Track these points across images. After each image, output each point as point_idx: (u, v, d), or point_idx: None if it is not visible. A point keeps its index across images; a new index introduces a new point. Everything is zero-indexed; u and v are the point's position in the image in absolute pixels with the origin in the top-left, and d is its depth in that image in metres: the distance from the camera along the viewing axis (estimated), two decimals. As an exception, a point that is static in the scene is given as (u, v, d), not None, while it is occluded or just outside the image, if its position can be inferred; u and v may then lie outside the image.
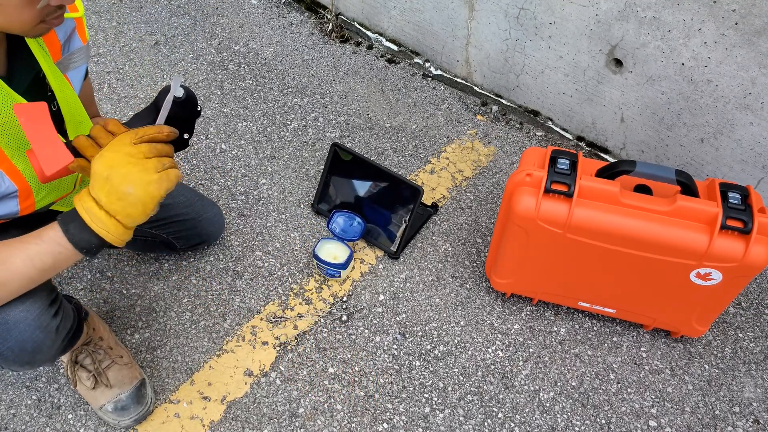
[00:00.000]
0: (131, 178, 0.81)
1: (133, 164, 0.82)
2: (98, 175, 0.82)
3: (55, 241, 0.84)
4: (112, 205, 0.82)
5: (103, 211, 0.82)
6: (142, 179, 0.82)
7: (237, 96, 2.00)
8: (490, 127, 1.97)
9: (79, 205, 0.83)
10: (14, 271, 0.85)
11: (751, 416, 1.33)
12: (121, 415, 1.23)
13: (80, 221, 0.83)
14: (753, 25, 1.34)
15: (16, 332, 0.96)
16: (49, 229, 0.85)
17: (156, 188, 0.83)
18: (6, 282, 0.85)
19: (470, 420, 1.30)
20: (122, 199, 0.82)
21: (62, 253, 0.85)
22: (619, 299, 1.36)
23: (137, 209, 0.83)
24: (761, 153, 1.51)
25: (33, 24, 0.80)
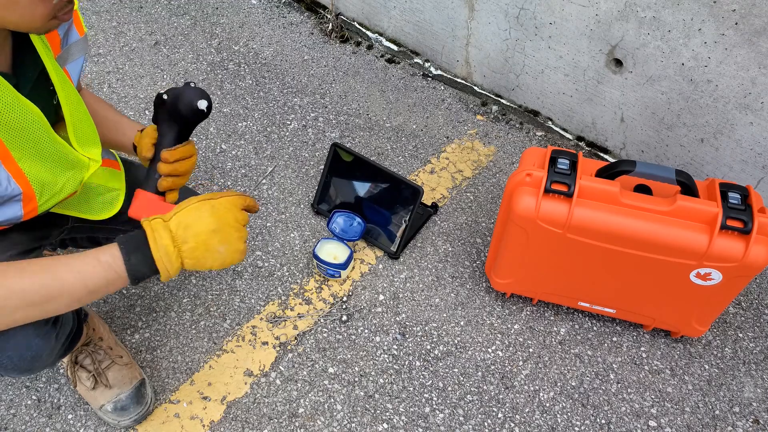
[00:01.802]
0: (229, 240, 0.88)
1: (236, 229, 0.88)
2: (204, 222, 0.86)
3: (112, 268, 0.84)
4: (196, 252, 0.85)
5: (177, 250, 0.85)
6: (235, 246, 0.88)
7: (237, 96, 2.00)
8: (490, 127, 1.97)
9: (155, 239, 0.84)
10: (65, 289, 0.83)
11: (751, 416, 1.33)
12: (121, 415, 1.23)
13: (146, 254, 0.84)
14: (753, 25, 1.34)
15: (14, 341, 0.94)
16: (107, 253, 0.84)
17: (238, 257, 0.90)
18: (56, 297, 0.83)
19: (470, 420, 1.30)
20: (209, 252, 0.86)
21: (115, 281, 0.85)
22: (619, 299, 1.37)
23: (210, 263, 0.88)
24: (761, 153, 1.51)
25: (45, 20, 0.80)
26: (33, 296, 0.80)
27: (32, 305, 0.81)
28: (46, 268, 0.82)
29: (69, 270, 0.82)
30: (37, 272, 0.81)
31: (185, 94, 1.00)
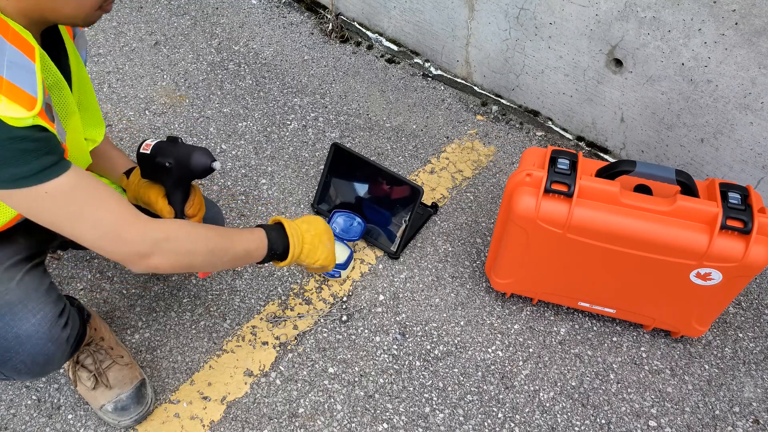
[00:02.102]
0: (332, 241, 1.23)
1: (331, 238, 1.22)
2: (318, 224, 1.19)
3: (259, 238, 1.08)
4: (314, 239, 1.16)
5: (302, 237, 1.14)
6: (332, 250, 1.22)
7: (237, 96, 2.00)
8: (490, 127, 1.97)
9: (288, 224, 1.13)
10: (236, 243, 1.04)
11: (751, 416, 1.33)
12: (122, 416, 1.23)
13: (282, 233, 1.12)
14: (753, 25, 1.34)
15: (29, 346, 0.98)
16: (255, 229, 1.10)
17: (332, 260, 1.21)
18: (227, 249, 1.02)
19: (470, 420, 1.30)
20: (321, 243, 1.17)
21: (260, 248, 1.08)
22: (619, 299, 1.37)
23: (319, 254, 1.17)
24: (761, 153, 1.51)
25: (94, 10, 0.87)
26: (213, 244, 1.00)
27: (211, 253, 1.00)
28: (218, 228, 1.04)
29: (234, 233, 1.05)
30: (214, 229, 1.03)
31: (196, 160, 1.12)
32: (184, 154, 1.11)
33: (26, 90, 0.78)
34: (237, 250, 1.04)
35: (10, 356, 0.97)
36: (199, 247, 0.98)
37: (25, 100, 0.78)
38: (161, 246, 0.92)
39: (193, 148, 1.13)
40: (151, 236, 0.91)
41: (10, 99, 0.76)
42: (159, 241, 0.92)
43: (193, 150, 1.13)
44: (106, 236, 0.88)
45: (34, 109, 0.78)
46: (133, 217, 0.90)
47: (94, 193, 0.88)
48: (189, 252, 0.96)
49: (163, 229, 0.93)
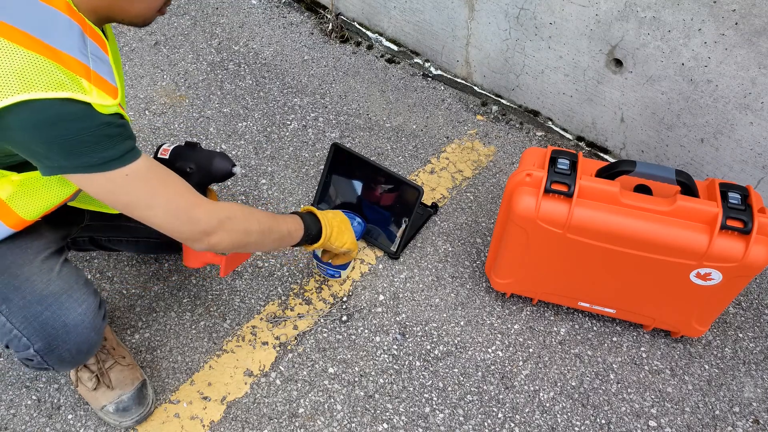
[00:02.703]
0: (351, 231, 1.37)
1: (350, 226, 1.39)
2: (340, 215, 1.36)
3: (298, 222, 1.20)
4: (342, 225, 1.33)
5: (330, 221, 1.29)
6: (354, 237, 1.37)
7: (237, 96, 2.00)
8: (490, 127, 1.97)
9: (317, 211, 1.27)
10: (281, 225, 1.14)
11: (751, 416, 1.33)
12: (123, 416, 1.23)
13: (315, 219, 1.25)
14: (753, 25, 1.34)
15: (75, 335, 1.02)
16: (291, 215, 1.21)
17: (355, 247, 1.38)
18: (274, 230, 1.11)
19: (470, 420, 1.30)
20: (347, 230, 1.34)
21: (299, 231, 1.19)
22: (619, 299, 1.37)
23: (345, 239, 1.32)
24: (761, 153, 1.51)
25: (155, 12, 0.94)
26: (265, 224, 1.09)
27: (262, 233, 1.08)
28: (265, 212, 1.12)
29: (278, 216, 1.15)
30: (262, 212, 1.12)
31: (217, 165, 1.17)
32: (205, 159, 1.15)
33: (108, 80, 0.85)
34: (282, 230, 1.13)
35: (58, 344, 1.01)
36: (254, 226, 1.06)
37: (110, 89, 0.84)
38: (224, 225, 0.99)
39: (213, 153, 1.17)
40: (217, 216, 0.98)
41: (99, 88, 0.82)
42: (223, 220, 0.99)
43: (213, 155, 1.17)
44: (178, 216, 0.95)
45: (117, 98, 0.85)
46: (199, 198, 0.98)
47: (165, 177, 0.94)
48: (246, 231, 1.04)
49: (226, 208, 1.01)
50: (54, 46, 0.79)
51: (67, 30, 0.82)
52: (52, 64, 0.78)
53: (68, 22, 0.82)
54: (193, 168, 1.16)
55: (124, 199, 0.91)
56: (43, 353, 1.01)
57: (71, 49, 0.80)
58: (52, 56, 0.78)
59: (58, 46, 0.79)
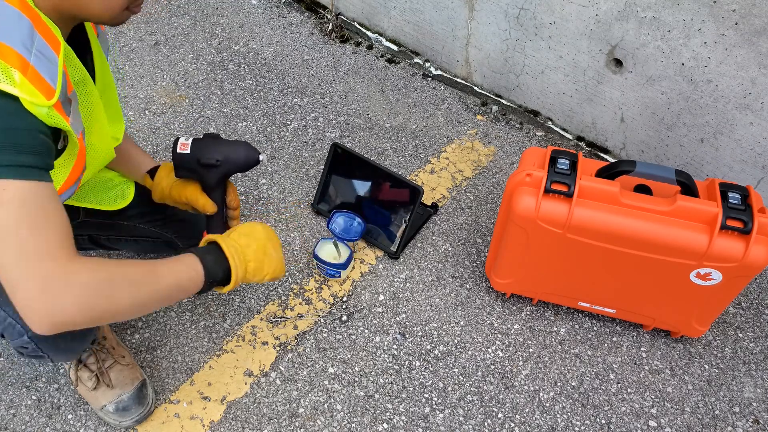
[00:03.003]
0: (277, 248, 1.08)
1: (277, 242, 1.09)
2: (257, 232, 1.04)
3: (193, 267, 0.94)
4: (258, 253, 1.02)
5: (244, 253, 1.01)
6: (281, 255, 1.08)
7: (237, 96, 2.00)
8: (490, 127, 1.97)
9: (225, 242, 0.99)
10: (163, 282, 0.90)
11: (751, 416, 1.33)
12: (123, 416, 1.23)
13: (219, 255, 0.98)
14: (753, 25, 1.34)
15: None
16: (186, 255, 0.95)
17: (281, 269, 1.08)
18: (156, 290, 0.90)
19: (470, 420, 1.30)
20: (267, 255, 1.04)
21: (194, 279, 0.94)
22: (619, 299, 1.37)
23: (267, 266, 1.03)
24: (761, 153, 1.51)
25: (121, 10, 0.89)
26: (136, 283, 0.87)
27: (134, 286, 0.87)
28: (145, 263, 0.90)
29: (163, 265, 0.91)
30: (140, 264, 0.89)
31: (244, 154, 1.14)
32: (231, 150, 1.13)
33: (47, 80, 0.80)
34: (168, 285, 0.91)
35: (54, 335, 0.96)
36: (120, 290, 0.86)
37: (46, 89, 0.79)
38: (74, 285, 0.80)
39: (237, 143, 1.15)
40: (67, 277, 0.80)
41: (32, 84, 0.78)
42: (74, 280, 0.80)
43: (238, 145, 1.14)
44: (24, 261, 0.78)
45: (52, 99, 0.79)
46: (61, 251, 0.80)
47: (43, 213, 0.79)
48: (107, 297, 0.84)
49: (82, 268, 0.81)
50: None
51: (14, 22, 0.79)
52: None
53: (17, 15, 0.79)
54: (220, 160, 1.12)
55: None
56: (37, 340, 0.99)
57: (12, 40, 0.77)
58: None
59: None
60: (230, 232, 1.04)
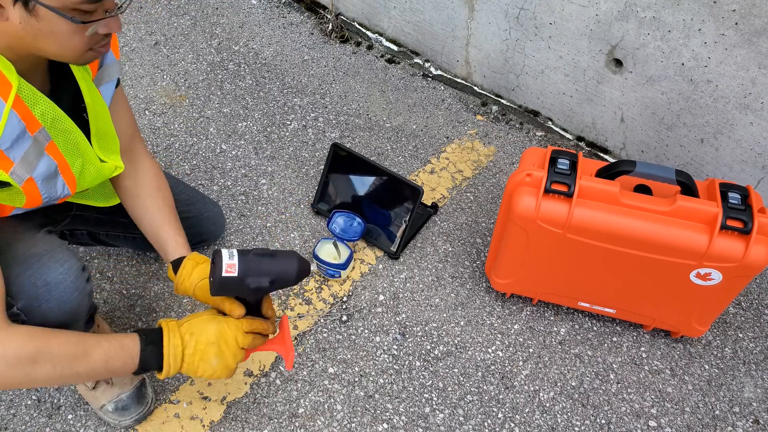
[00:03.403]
0: (223, 356, 1.00)
1: (232, 349, 1.01)
2: (206, 333, 1.00)
3: (129, 354, 0.97)
4: (193, 357, 0.99)
5: (182, 354, 0.99)
6: (226, 363, 1.01)
7: (237, 96, 2.01)
8: (490, 127, 1.97)
9: (169, 339, 0.98)
10: (91, 363, 0.93)
11: (751, 416, 1.33)
12: (122, 415, 1.23)
13: (158, 350, 0.98)
14: (753, 25, 1.34)
15: (57, 293, 1.01)
16: (128, 339, 0.98)
17: (225, 374, 1.02)
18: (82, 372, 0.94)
19: (470, 420, 1.30)
20: (203, 361, 1.00)
21: (127, 365, 0.97)
22: (619, 299, 1.37)
23: (201, 371, 1.01)
24: (761, 153, 1.51)
25: (82, 51, 0.87)
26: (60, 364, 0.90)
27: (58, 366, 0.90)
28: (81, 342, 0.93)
29: (99, 349, 0.94)
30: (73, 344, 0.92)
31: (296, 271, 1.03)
32: (283, 270, 1.03)
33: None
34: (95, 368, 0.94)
35: (40, 303, 1.00)
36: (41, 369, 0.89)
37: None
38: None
39: (287, 258, 1.04)
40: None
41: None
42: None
43: (288, 260, 1.04)
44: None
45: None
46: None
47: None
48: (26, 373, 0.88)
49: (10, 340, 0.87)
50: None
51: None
52: None
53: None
54: (272, 281, 1.03)
55: None
56: (26, 311, 0.99)
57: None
58: None
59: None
60: (187, 320, 1.02)
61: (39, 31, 0.82)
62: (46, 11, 0.80)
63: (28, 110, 0.88)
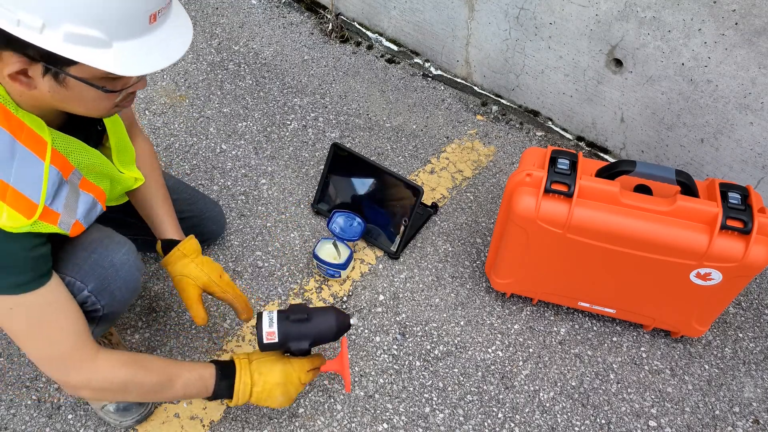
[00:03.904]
0: (287, 393, 1.14)
1: (295, 387, 1.14)
2: (273, 375, 1.12)
3: (205, 385, 1.08)
4: (261, 394, 1.12)
5: (250, 390, 1.11)
6: (290, 397, 1.15)
7: (237, 96, 2.01)
8: (490, 127, 1.97)
9: (240, 377, 1.10)
10: (173, 391, 1.06)
11: (751, 416, 1.33)
12: (124, 416, 1.23)
13: (230, 384, 1.09)
14: (753, 25, 1.34)
15: (123, 272, 1.07)
16: (207, 373, 1.09)
17: (287, 405, 1.16)
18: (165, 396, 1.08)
19: (470, 420, 1.30)
20: (270, 398, 1.12)
21: (201, 393, 1.09)
22: (619, 299, 1.37)
23: (269, 404, 1.14)
24: (761, 153, 1.51)
25: (109, 110, 0.91)
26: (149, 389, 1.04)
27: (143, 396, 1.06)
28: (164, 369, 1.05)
29: (181, 379, 1.06)
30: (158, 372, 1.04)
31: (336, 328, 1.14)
32: (322, 332, 1.13)
33: (29, 197, 0.85)
34: (175, 394, 1.07)
35: (109, 283, 1.05)
36: (131, 393, 1.03)
37: (26, 207, 0.84)
38: (91, 385, 0.98)
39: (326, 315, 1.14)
40: (86, 376, 0.98)
41: (12, 207, 0.82)
42: (91, 380, 0.98)
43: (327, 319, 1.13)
44: (50, 364, 0.97)
45: (33, 217, 0.85)
46: (79, 351, 0.97)
47: (52, 319, 0.93)
48: (117, 394, 1.04)
49: (103, 370, 0.99)
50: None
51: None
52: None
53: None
54: (312, 343, 1.13)
55: (4, 324, 0.93)
56: (97, 292, 1.04)
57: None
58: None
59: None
60: (257, 358, 1.13)
61: (68, 98, 0.84)
62: (76, 81, 0.81)
63: (65, 159, 0.92)
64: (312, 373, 1.17)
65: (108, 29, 0.76)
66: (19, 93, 0.83)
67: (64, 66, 0.79)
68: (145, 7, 0.78)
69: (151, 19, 0.80)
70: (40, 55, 0.76)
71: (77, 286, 1.02)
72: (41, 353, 0.96)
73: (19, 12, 0.72)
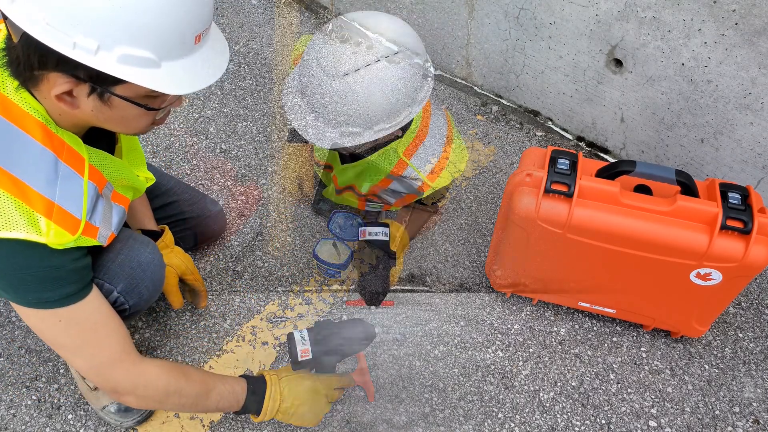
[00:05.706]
0: (316, 410, 1.16)
1: (321, 405, 1.17)
2: (301, 394, 1.14)
3: (237, 399, 1.09)
4: (288, 411, 1.13)
5: (278, 408, 1.12)
6: (318, 415, 1.18)
7: (237, 96, 2.00)
8: (490, 127, 1.97)
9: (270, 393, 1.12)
10: (209, 402, 1.06)
11: (751, 416, 1.33)
12: (124, 417, 1.23)
13: (260, 399, 1.11)
14: (753, 25, 1.34)
15: (150, 271, 1.11)
16: (239, 387, 1.10)
17: (315, 423, 1.19)
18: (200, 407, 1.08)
19: (470, 420, 1.30)
20: (296, 415, 1.14)
21: (232, 406, 1.10)
22: (619, 299, 1.37)
23: (293, 421, 1.15)
24: (761, 153, 1.51)
25: (146, 128, 0.94)
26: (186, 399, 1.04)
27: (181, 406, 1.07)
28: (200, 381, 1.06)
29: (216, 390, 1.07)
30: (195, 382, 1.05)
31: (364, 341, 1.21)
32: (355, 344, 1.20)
33: (73, 213, 0.87)
34: (209, 406, 1.08)
35: (137, 283, 1.09)
36: (172, 399, 1.03)
37: (71, 224, 0.87)
38: (137, 390, 1.00)
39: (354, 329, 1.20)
40: (133, 381, 1.00)
41: (58, 225, 0.84)
42: (137, 385, 1.00)
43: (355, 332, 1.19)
44: (97, 370, 0.99)
45: (77, 233, 0.87)
46: (125, 356, 0.99)
47: (98, 327, 0.97)
48: (159, 401, 1.04)
49: (148, 374, 1.01)
50: (20, 179, 0.82)
51: (37, 160, 0.83)
52: (11, 200, 0.81)
53: (40, 150, 0.84)
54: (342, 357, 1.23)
55: (50, 337, 0.95)
56: (126, 293, 1.07)
57: (37, 182, 0.83)
58: (14, 191, 0.81)
59: (24, 178, 0.82)
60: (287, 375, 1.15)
61: (110, 117, 0.86)
62: (120, 100, 0.83)
63: (100, 174, 0.95)
64: (339, 391, 1.21)
65: (159, 50, 0.79)
66: (60, 112, 0.85)
67: (110, 85, 0.81)
68: (193, 28, 0.81)
69: (196, 40, 0.83)
70: (88, 75, 0.78)
71: (106, 287, 1.04)
72: (92, 361, 0.97)
73: (77, 36, 0.73)
